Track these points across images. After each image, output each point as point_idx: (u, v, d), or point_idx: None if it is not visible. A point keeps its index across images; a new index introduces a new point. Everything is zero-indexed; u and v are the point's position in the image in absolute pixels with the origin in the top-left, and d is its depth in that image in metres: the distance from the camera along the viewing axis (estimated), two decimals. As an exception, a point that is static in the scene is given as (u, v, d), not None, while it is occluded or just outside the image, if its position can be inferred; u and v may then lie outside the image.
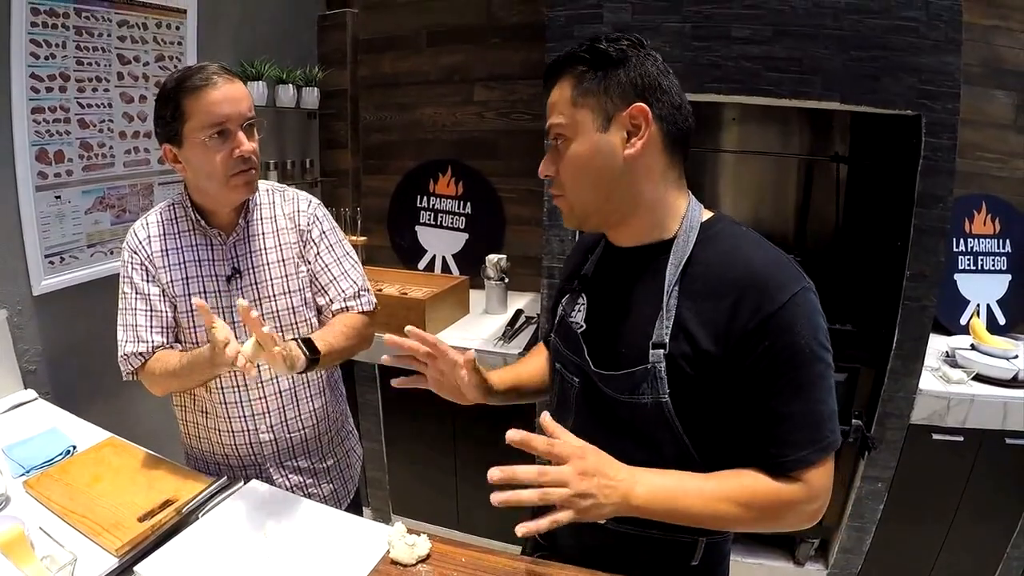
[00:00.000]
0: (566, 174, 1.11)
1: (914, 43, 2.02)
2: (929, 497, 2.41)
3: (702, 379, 1.03)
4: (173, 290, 1.55)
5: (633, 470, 1.03)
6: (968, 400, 2.27)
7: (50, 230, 2.14)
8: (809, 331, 1.00)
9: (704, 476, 1.05)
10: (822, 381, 1.02)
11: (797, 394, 1.00)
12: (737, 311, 1.00)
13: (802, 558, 2.65)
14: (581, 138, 1.08)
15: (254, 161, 1.48)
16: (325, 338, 1.49)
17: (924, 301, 2.20)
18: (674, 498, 1.02)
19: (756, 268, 1.03)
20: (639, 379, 1.07)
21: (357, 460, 1.91)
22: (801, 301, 1.00)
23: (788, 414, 1.01)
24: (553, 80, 1.12)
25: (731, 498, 1.03)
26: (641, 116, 1.04)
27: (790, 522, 1.07)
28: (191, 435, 1.70)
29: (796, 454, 1.01)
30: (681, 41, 2.18)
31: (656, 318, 1.07)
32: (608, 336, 1.16)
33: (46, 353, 2.19)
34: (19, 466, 1.59)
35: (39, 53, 2.03)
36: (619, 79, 1.05)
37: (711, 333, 1.02)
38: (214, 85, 1.40)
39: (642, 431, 1.10)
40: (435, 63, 3.32)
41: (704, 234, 1.10)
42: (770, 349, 0.99)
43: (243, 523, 1.38)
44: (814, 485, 1.03)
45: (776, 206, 2.92)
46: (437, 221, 3.46)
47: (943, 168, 2.09)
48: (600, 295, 1.22)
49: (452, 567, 1.26)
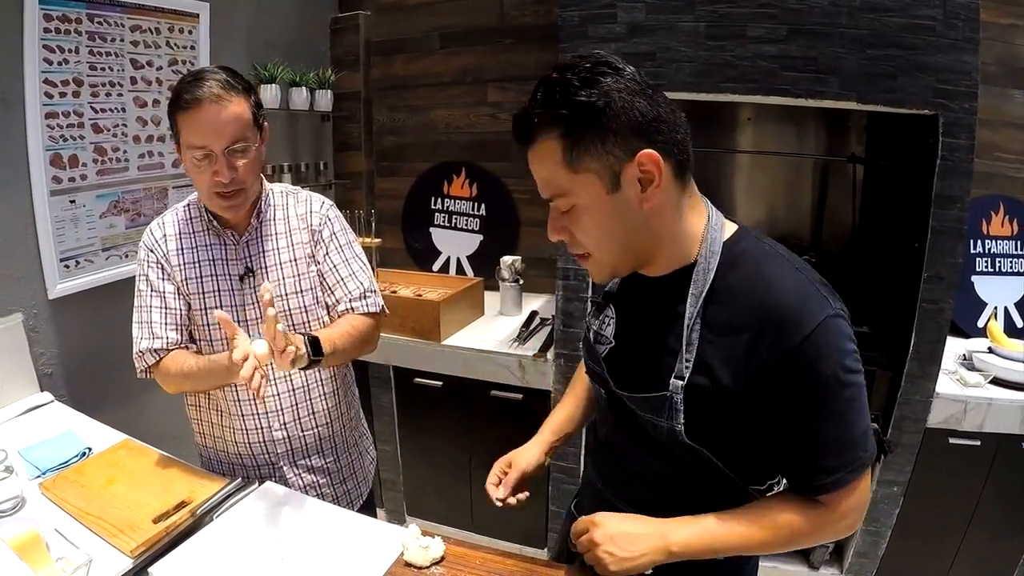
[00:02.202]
0: (587, 239, 1.05)
1: (931, 42, 2.00)
2: (945, 502, 2.38)
3: (723, 412, 1.02)
4: (187, 288, 1.57)
5: (659, 526, 1.08)
6: (985, 404, 2.24)
7: (65, 234, 2.15)
8: (836, 360, 0.96)
9: (735, 514, 1.07)
10: (852, 403, 0.98)
11: (827, 422, 0.98)
12: (756, 347, 0.97)
13: (817, 562, 2.62)
14: (592, 205, 1.00)
15: (238, 184, 1.48)
16: (330, 337, 1.50)
17: (941, 303, 2.18)
18: (712, 543, 1.05)
19: (777, 299, 0.98)
20: (656, 404, 1.06)
21: (371, 461, 1.91)
22: (825, 331, 0.95)
23: (819, 441, 0.99)
24: (529, 141, 1.00)
25: (765, 529, 1.05)
26: (651, 163, 0.96)
27: (826, 539, 1.09)
28: (204, 434, 1.71)
29: (830, 478, 1.00)
30: (695, 40, 2.16)
31: (678, 349, 1.04)
32: (632, 357, 1.15)
33: (62, 356, 2.20)
34: (35, 468, 1.60)
35: (52, 58, 2.04)
36: (613, 128, 0.94)
37: (731, 370, 1.00)
38: (199, 108, 1.40)
39: (664, 446, 1.10)
40: (448, 65, 3.31)
41: (726, 256, 1.04)
42: (795, 384, 0.97)
43: (257, 524, 1.38)
44: (849, 504, 1.03)
45: (792, 207, 2.90)
46: (451, 223, 3.46)
47: (961, 169, 2.07)
48: (626, 314, 1.19)
49: (466, 570, 1.26)
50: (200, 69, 1.46)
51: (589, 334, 1.25)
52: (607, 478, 1.27)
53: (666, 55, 2.20)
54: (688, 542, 1.05)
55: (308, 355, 1.38)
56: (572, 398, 1.48)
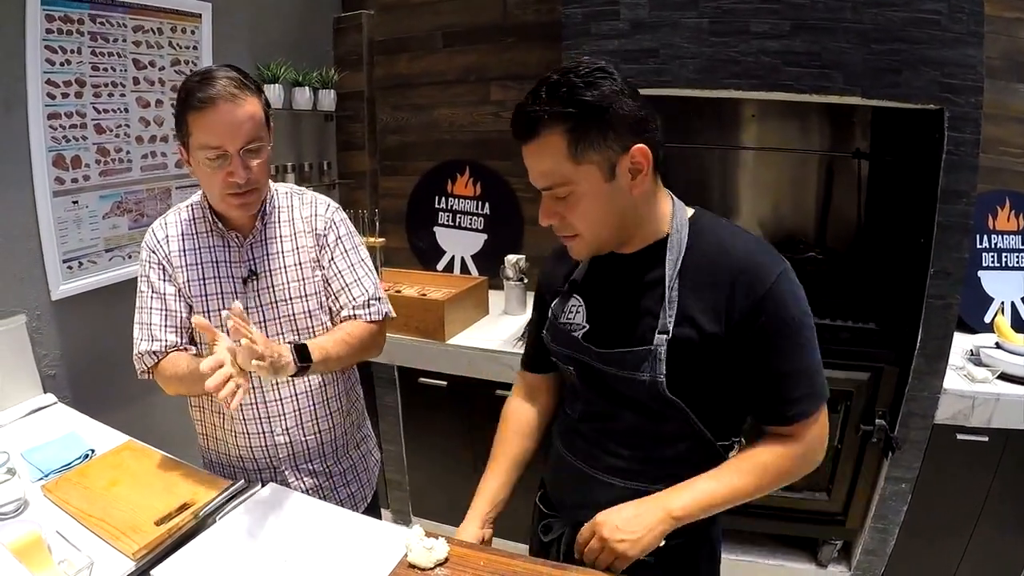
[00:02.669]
0: (580, 222, 1.17)
1: (936, 36, 1.98)
2: (953, 498, 2.37)
3: (707, 358, 1.17)
4: (189, 290, 1.55)
5: (655, 500, 1.19)
6: (993, 399, 2.22)
7: (68, 235, 2.15)
8: (795, 303, 1.15)
9: (719, 469, 1.22)
10: (811, 341, 1.18)
11: (792, 357, 1.16)
12: (734, 295, 1.14)
13: (825, 560, 2.61)
14: (591, 192, 1.13)
15: (252, 184, 1.46)
16: (323, 345, 1.48)
17: (948, 299, 2.17)
18: (711, 499, 1.19)
19: (744, 256, 1.16)
20: (640, 358, 1.18)
21: (375, 464, 1.89)
22: (784, 280, 1.15)
23: (786, 373, 1.17)
24: (532, 135, 1.12)
25: (752, 475, 1.20)
26: (641, 155, 1.12)
27: (801, 472, 1.24)
28: (207, 436, 1.70)
29: (797, 408, 1.18)
30: (699, 36, 2.15)
31: (659, 309, 1.18)
32: (609, 329, 1.25)
33: (65, 358, 2.20)
34: (38, 470, 1.60)
35: (54, 59, 2.04)
36: (612, 125, 1.09)
37: (714, 317, 1.15)
38: (215, 107, 1.37)
39: (644, 404, 1.22)
40: (451, 63, 3.30)
41: (692, 229, 1.21)
42: (766, 323, 1.13)
43: (260, 527, 1.38)
44: (813, 434, 1.21)
45: (797, 203, 2.89)
46: (455, 222, 3.45)
47: (966, 163, 2.05)
48: (599, 296, 1.30)
49: (470, 570, 1.25)
50: (207, 68, 1.44)
51: (556, 323, 1.34)
52: (584, 454, 1.35)
53: (669, 52, 2.19)
54: (687, 504, 1.18)
55: (295, 362, 1.37)
56: (503, 459, 1.50)
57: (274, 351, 1.31)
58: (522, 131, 1.13)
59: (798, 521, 2.57)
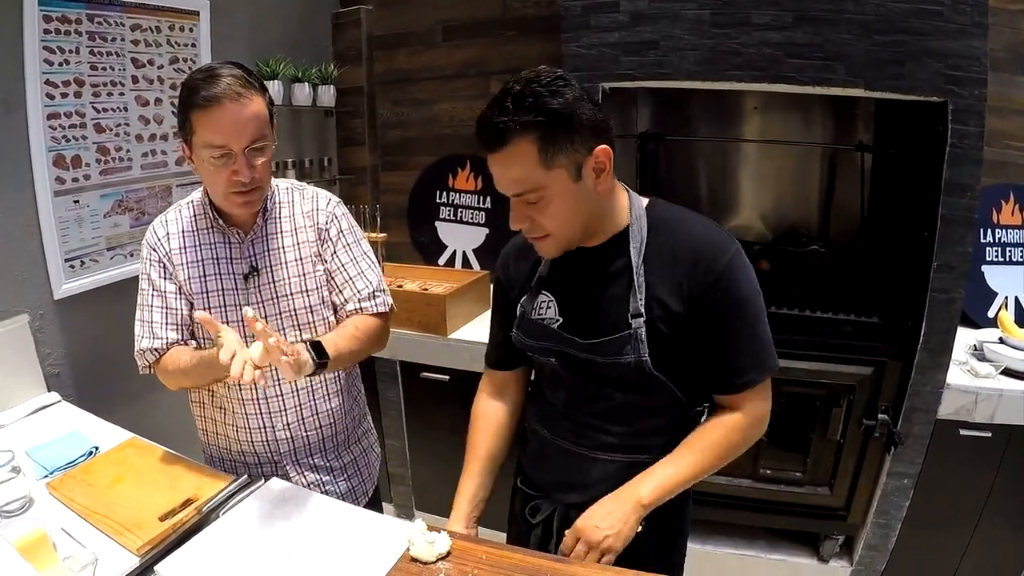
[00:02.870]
0: (551, 222, 1.22)
1: (939, 27, 1.97)
2: (956, 494, 2.36)
3: (675, 335, 1.26)
4: (190, 288, 1.55)
5: (623, 491, 1.30)
6: (996, 395, 2.21)
7: (69, 234, 2.15)
8: (746, 282, 1.25)
9: (675, 454, 1.32)
10: (761, 316, 1.28)
11: (741, 331, 1.26)
12: (693, 276, 1.23)
13: (826, 555, 2.61)
14: (561, 194, 1.19)
15: (256, 183, 1.46)
16: (335, 341, 1.49)
17: (951, 293, 2.16)
18: (674, 481, 1.29)
19: (700, 238, 1.26)
20: (622, 343, 1.26)
21: (376, 459, 1.89)
22: (736, 259, 1.25)
23: (736, 346, 1.27)
24: (502, 145, 1.15)
25: (707, 451, 1.31)
26: (604, 156, 1.19)
27: (748, 443, 1.35)
28: (208, 431, 1.70)
29: (746, 377, 1.28)
30: (700, 28, 2.15)
31: (628, 295, 1.26)
32: (587, 320, 1.32)
33: (69, 356, 2.20)
34: (42, 468, 1.61)
35: (53, 59, 2.04)
36: (577, 130, 1.15)
37: (677, 296, 1.24)
38: (220, 107, 1.36)
39: (630, 382, 1.30)
40: (451, 58, 3.29)
41: (650, 217, 1.30)
42: (719, 300, 1.23)
43: (263, 521, 1.38)
44: (759, 408, 1.32)
45: (800, 196, 2.89)
46: (457, 216, 3.44)
47: (970, 156, 2.04)
48: (568, 290, 1.36)
49: (472, 564, 1.25)
50: (210, 65, 1.42)
51: (528, 319, 1.40)
52: (574, 436, 1.42)
53: (670, 43, 2.18)
54: (653, 490, 1.28)
55: (313, 360, 1.37)
56: (479, 460, 1.53)
57: (292, 350, 1.31)
58: (491, 141, 1.16)
59: (800, 516, 2.57)
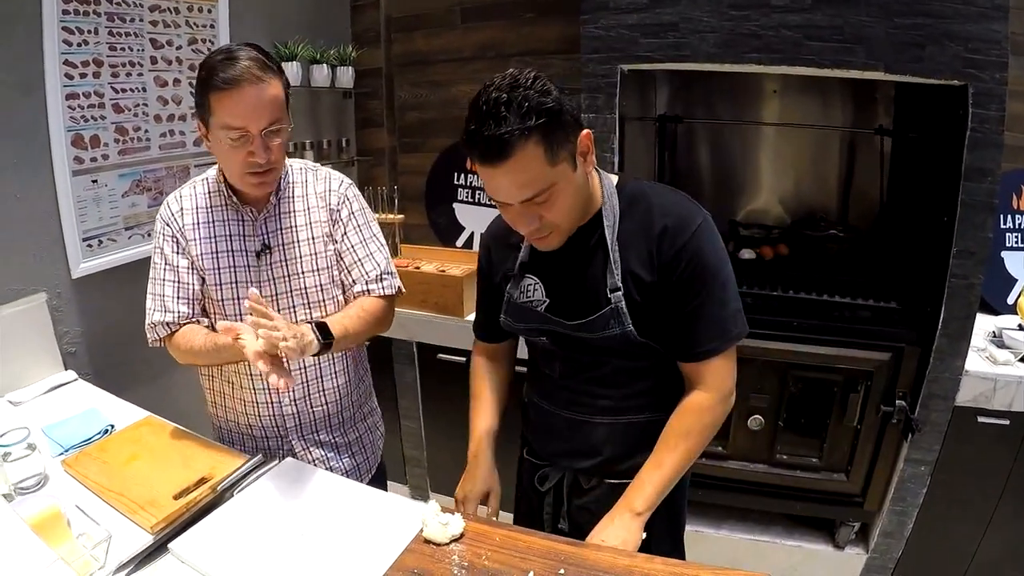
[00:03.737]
0: (558, 215, 1.26)
1: (960, 10, 1.94)
2: (973, 482, 2.34)
3: (649, 304, 1.31)
4: (202, 263, 1.57)
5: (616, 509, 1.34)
6: (1015, 382, 2.18)
7: (87, 214, 2.17)
8: (711, 250, 1.29)
9: (655, 455, 1.36)
10: (724, 288, 1.31)
11: (706, 300, 1.30)
12: (661, 246, 1.28)
13: (842, 541, 2.60)
14: (565, 187, 1.23)
15: (272, 164, 1.47)
16: (341, 322, 1.50)
17: (971, 279, 2.13)
18: (661, 483, 1.34)
19: (667, 210, 1.31)
20: (607, 318, 1.32)
21: (380, 437, 1.92)
22: (704, 229, 1.29)
23: (700, 315, 1.31)
24: (507, 156, 1.15)
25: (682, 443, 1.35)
26: (587, 140, 1.25)
27: (718, 420, 1.38)
28: (217, 404, 1.73)
29: (707, 346, 1.32)
30: (719, 10, 2.12)
31: (606, 271, 1.32)
32: (572, 299, 1.38)
33: (86, 335, 2.22)
34: (58, 445, 1.62)
35: (71, 40, 2.05)
36: (568, 122, 1.20)
37: (647, 267, 1.30)
38: (239, 89, 1.37)
39: (619, 350, 1.36)
40: (469, 39, 3.26)
41: (621, 194, 1.36)
42: (687, 268, 1.28)
43: (277, 501, 1.39)
44: (722, 376, 1.35)
45: (819, 180, 2.86)
46: (475, 198, 3.41)
47: (991, 140, 2.01)
48: (552, 271, 1.41)
49: (486, 546, 1.25)
50: (228, 47, 1.44)
51: (515, 303, 1.46)
52: (573, 404, 1.48)
53: (689, 25, 2.16)
54: (646, 498, 1.32)
55: (318, 340, 1.38)
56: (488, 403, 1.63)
57: (296, 331, 1.32)
58: (494, 154, 1.15)
59: (816, 502, 2.56)
